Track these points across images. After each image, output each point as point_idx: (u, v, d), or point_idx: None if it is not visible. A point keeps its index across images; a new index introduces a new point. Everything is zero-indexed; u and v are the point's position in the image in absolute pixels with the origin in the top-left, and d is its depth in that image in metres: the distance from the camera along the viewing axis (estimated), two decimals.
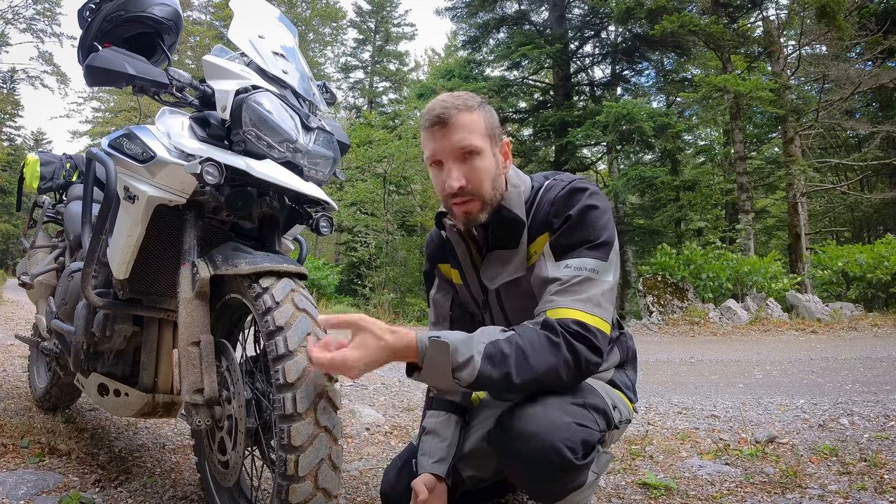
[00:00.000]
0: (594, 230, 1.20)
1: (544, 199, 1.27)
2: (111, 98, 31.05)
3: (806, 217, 12.81)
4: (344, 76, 28.29)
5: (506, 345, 1.09)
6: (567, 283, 1.15)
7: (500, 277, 1.32)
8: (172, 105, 1.51)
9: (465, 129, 1.21)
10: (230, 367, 1.28)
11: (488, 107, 1.29)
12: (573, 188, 1.24)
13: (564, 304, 1.14)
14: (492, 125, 1.26)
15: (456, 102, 1.23)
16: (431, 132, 1.24)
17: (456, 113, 1.21)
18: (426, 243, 1.57)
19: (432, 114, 1.23)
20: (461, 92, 1.28)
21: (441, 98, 1.26)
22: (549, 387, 1.12)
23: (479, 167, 1.22)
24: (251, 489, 1.40)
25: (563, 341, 1.09)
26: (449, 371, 1.07)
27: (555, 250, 1.21)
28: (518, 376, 1.07)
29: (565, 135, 13.18)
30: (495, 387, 1.09)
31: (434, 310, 1.53)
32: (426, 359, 1.07)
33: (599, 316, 1.14)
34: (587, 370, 1.12)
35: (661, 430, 2.52)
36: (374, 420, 2.66)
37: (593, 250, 1.18)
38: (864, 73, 12.45)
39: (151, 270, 1.52)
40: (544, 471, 1.07)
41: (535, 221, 1.27)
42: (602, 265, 1.17)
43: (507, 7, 15.11)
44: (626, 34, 14.39)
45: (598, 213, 1.21)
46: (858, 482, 1.68)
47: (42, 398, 2.47)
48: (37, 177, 2.45)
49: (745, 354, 5.42)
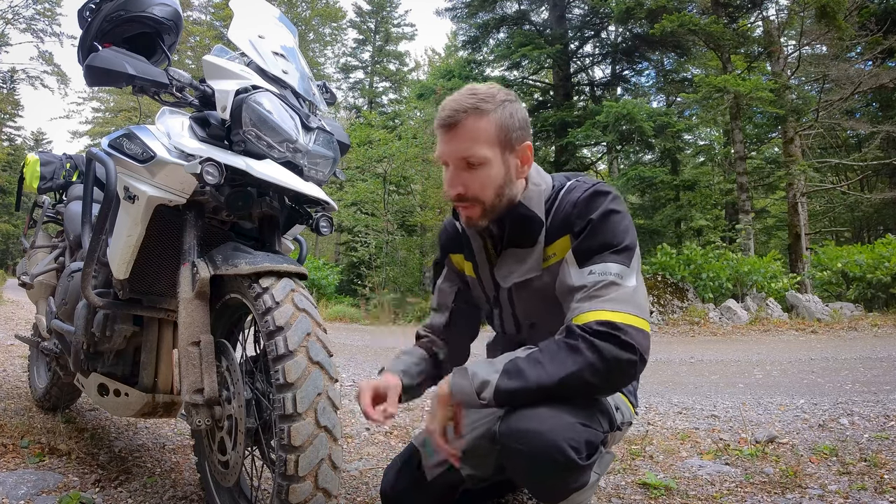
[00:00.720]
0: (616, 235, 1.17)
1: (565, 200, 1.24)
2: (111, 98, 31.05)
3: (806, 217, 12.81)
4: (344, 76, 28.30)
5: (524, 360, 1.10)
6: (591, 288, 1.13)
7: (513, 276, 1.30)
8: (172, 105, 1.51)
9: (471, 136, 1.17)
10: (230, 367, 1.28)
11: (512, 106, 1.21)
12: (596, 191, 1.21)
13: (588, 308, 1.11)
14: (507, 129, 1.19)
15: (468, 104, 1.17)
16: (441, 132, 1.21)
17: (464, 117, 1.17)
18: (440, 232, 1.55)
19: (443, 113, 1.19)
20: (485, 87, 1.21)
21: (456, 96, 1.20)
22: (578, 393, 1.10)
23: (481, 176, 1.19)
24: (251, 489, 1.40)
25: (583, 342, 1.06)
26: (474, 394, 1.10)
27: (577, 256, 1.18)
28: (536, 386, 1.06)
29: (565, 135, 13.18)
30: (517, 399, 1.09)
31: (437, 297, 1.52)
32: (453, 386, 1.13)
33: (630, 312, 1.09)
34: (621, 369, 1.07)
35: (661, 430, 2.52)
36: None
37: (616, 255, 1.15)
38: (864, 73, 12.44)
39: (151, 270, 1.52)
40: (548, 470, 1.06)
41: (555, 222, 1.24)
42: (625, 270, 1.14)
43: (507, 7, 15.10)
44: (626, 34, 14.39)
45: (620, 217, 1.19)
46: (858, 482, 1.68)
47: (42, 398, 2.47)
48: (37, 177, 2.45)
49: (745, 354, 5.42)
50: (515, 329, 1.38)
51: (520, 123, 1.21)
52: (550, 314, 1.25)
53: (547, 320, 1.28)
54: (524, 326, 1.37)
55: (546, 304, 1.25)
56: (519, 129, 1.21)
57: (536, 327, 1.34)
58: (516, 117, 1.20)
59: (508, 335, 1.42)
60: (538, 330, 1.32)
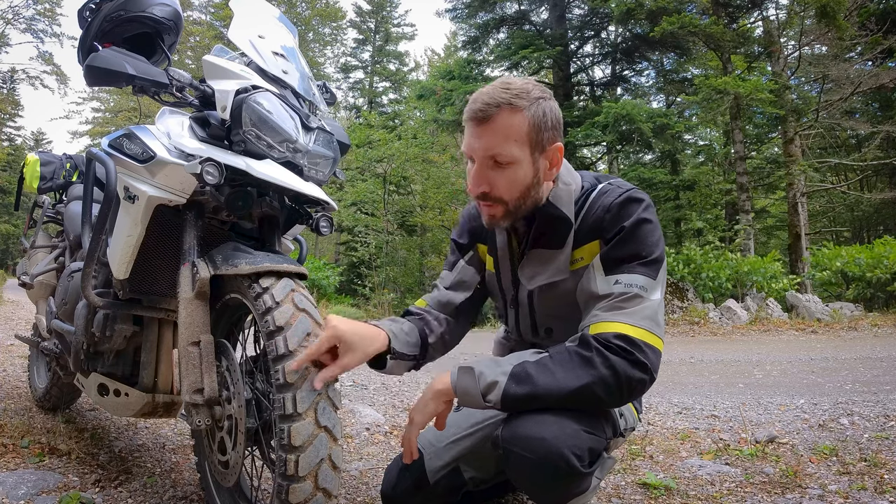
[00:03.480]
0: (647, 246, 1.13)
1: (597, 203, 1.19)
2: (111, 98, 31.05)
3: (806, 217, 12.80)
4: (344, 76, 28.32)
5: (533, 365, 1.08)
6: (614, 299, 1.10)
7: (539, 278, 1.25)
8: (172, 105, 1.50)
9: (503, 133, 1.11)
10: (230, 367, 1.28)
11: (546, 104, 1.14)
12: (630, 197, 1.16)
13: (607, 318, 1.08)
14: (539, 129, 1.13)
15: (503, 97, 1.10)
16: (470, 125, 1.14)
17: (497, 112, 1.10)
18: (467, 216, 1.46)
19: (475, 105, 1.12)
20: (521, 82, 1.14)
21: (489, 89, 1.14)
22: (585, 405, 1.08)
23: (508, 176, 1.14)
24: (251, 489, 1.40)
25: (598, 356, 1.04)
26: (479, 395, 1.09)
27: (605, 263, 1.15)
28: (545, 395, 1.05)
29: (565, 135, 13.18)
30: (524, 405, 1.07)
31: (458, 275, 1.43)
32: (457, 386, 1.11)
33: (648, 329, 1.07)
34: (631, 387, 1.05)
35: (661, 430, 2.52)
36: (374, 420, 2.66)
37: (644, 266, 1.12)
38: (864, 73, 12.44)
39: (151, 270, 1.52)
40: (550, 477, 1.05)
41: (585, 225, 1.20)
42: (651, 283, 1.11)
43: (507, 7, 15.09)
44: (626, 34, 14.38)
45: (652, 227, 1.15)
46: (858, 482, 1.68)
47: (42, 398, 2.47)
48: (37, 177, 2.45)
49: (745, 354, 5.42)
50: (532, 331, 1.35)
51: (553, 123, 1.15)
52: (569, 319, 1.22)
53: (565, 325, 1.25)
54: (541, 330, 1.33)
55: (567, 308, 1.22)
56: (552, 129, 1.15)
57: (553, 332, 1.31)
58: (549, 116, 1.14)
59: (523, 337, 1.38)
60: (555, 335, 1.30)
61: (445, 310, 1.42)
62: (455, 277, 1.44)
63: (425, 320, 1.39)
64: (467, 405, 1.14)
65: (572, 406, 1.07)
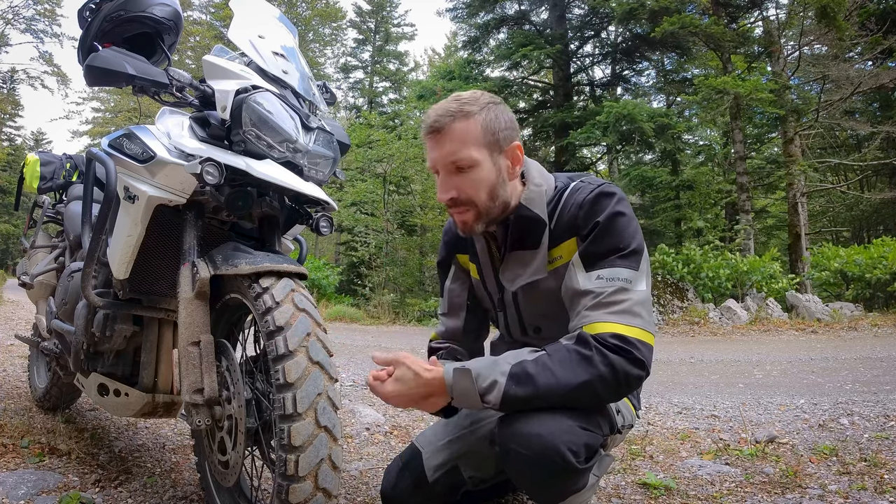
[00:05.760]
0: (623, 238, 1.16)
1: (570, 201, 1.22)
2: (111, 98, 31.03)
3: (806, 217, 12.81)
4: (344, 76, 28.30)
5: (532, 364, 1.08)
6: (600, 295, 1.11)
7: (519, 279, 1.29)
8: (172, 105, 1.50)
9: (458, 139, 1.17)
10: (230, 367, 1.28)
11: (497, 108, 1.21)
12: (601, 192, 1.19)
13: (600, 318, 1.10)
14: (493, 130, 1.18)
15: (453, 107, 1.18)
16: (428, 139, 1.21)
17: (450, 121, 1.17)
18: (444, 231, 1.52)
19: (428, 120, 1.20)
20: (469, 93, 1.22)
21: (440, 104, 1.21)
22: (586, 404, 1.10)
23: (472, 179, 1.19)
24: (251, 489, 1.40)
25: (597, 354, 1.06)
26: (477, 396, 1.09)
27: (584, 259, 1.17)
28: (546, 394, 1.06)
29: (565, 135, 13.18)
30: (524, 405, 1.08)
31: (448, 299, 1.49)
32: (454, 388, 1.11)
33: (639, 326, 1.10)
34: (629, 384, 1.08)
35: (661, 430, 2.52)
36: (374, 420, 2.66)
37: (624, 259, 1.14)
38: (864, 73, 12.44)
39: (151, 270, 1.52)
40: (546, 473, 1.06)
41: (560, 224, 1.22)
42: (634, 274, 1.13)
43: (508, 7, 15.11)
44: (627, 34, 14.39)
45: (627, 220, 1.17)
46: (858, 482, 1.68)
47: (42, 398, 2.47)
48: (37, 177, 2.45)
49: (745, 354, 5.42)
50: (521, 331, 1.37)
51: (506, 124, 1.20)
52: (556, 318, 1.23)
53: (553, 323, 1.27)
54: (529, 329, 1.35)
55: (552, 306, 1.24)
56: (506, 130, 1.20)
57: (542, 331, 1.33)
58: (501, 118, 1.20)
59: (514, 337, 1.40)
60: (544, 333, 1.32)
61: (456, 338, 1.47)
62: (446, 303, 1.50)
63: (451, 349, 1.44)
64: (465, 406, 1.14)
65: (571, 404, 1.08)
